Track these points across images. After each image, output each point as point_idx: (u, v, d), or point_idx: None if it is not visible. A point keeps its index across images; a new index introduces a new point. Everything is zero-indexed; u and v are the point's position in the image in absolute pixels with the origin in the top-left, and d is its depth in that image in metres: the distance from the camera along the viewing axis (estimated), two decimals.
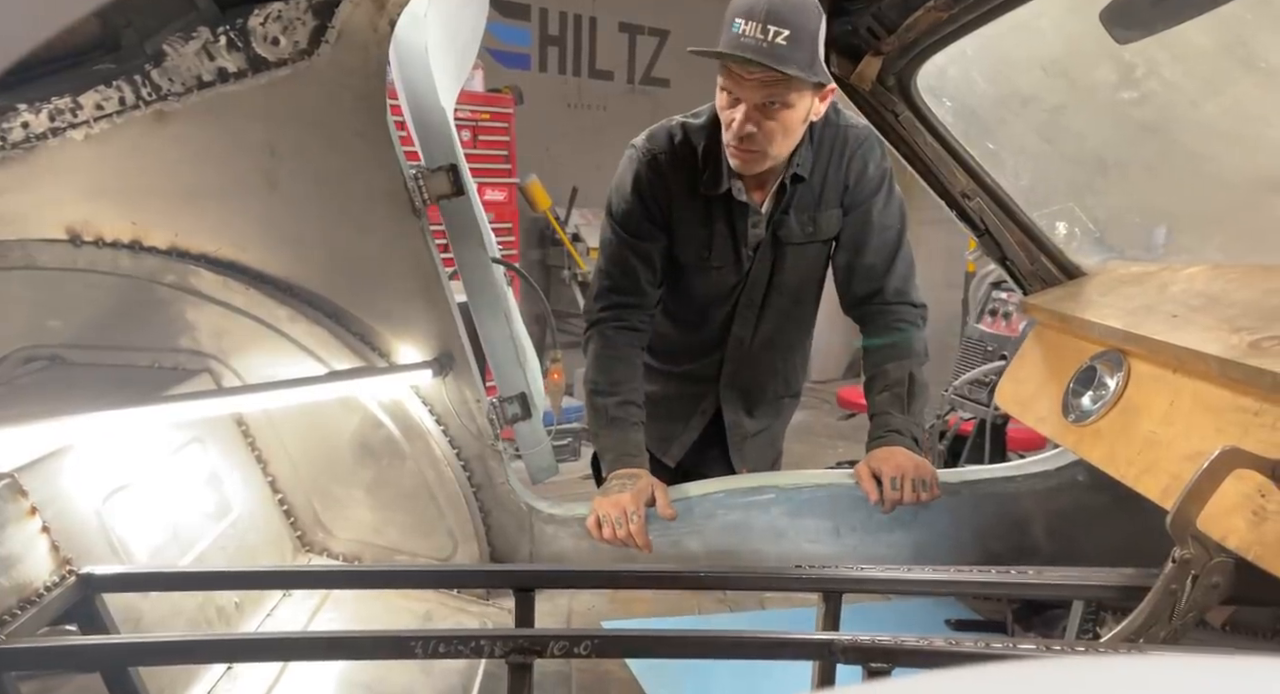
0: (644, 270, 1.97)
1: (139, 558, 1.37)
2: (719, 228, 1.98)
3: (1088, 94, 1.60)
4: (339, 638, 1.34)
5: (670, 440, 2.27)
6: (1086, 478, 1.84)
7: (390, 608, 1.69)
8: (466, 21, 2.00)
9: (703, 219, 1.97)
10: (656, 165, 1.93)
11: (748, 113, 1.75)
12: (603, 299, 2.00)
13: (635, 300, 1.98)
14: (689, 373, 2.22)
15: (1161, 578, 1.14)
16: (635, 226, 1.96)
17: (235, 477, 1.71)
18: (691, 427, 2.27)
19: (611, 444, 1.90)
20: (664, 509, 1.78)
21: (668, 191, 1.94)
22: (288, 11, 1.47)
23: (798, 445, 6.07)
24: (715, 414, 2.27)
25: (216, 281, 1.62)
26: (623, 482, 1.81)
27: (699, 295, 2.09)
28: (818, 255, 2.08)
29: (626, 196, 1.95)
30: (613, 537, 1.74)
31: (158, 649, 1.14)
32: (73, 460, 1.33)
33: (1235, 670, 0.26)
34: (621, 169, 1.98)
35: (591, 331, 2.00)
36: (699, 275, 2.05)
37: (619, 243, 1.97)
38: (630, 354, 1.98)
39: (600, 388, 1.94)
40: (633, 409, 1.93)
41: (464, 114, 4.89)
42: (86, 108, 1.48)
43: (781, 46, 1.64)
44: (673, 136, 1.95)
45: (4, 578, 1.11)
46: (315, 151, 1.59)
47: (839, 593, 1.27)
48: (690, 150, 1.93)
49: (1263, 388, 1.15)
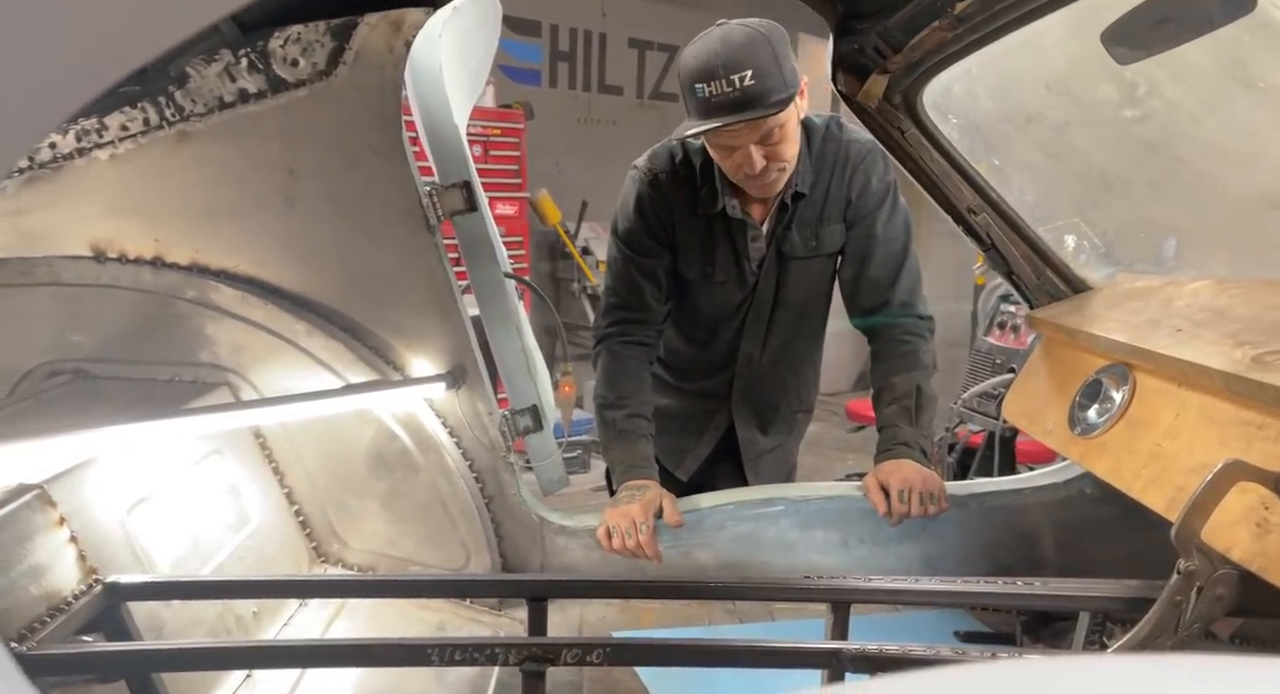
0: (649, 287, 2.00)
1: (161, 568, 1.40)
2: (721, 244, 2.00)
3: (1091, 112, 1.62)
4: (357, 645, 1.36)
5: (683, 454, 2.29)
6: (1095, 490, 1.85)
7: (404, 618, 1.72)
8: (480, 41, 2.04)
9: (705, 236, 2.00)
10: (658, 184, 1.96)
11: (748, 153, 1.75)
12: (610, 315, 2.03)
13: (641, 316, 2.01)
14: (701, 389, 2.25)
15: (1166, 589, 1.15)
16: (639, 244, 1.99)
17: (253, 488, 1.74)
18: (704, 442, 2.29)
19: (621, 457, 1.92)
20: (671, 517, 1.80)
21: (670, 209, 1.97)
22: (307, 34, 1.51)
23: (807, 458, 6.03)
24: (728, 429, 2.28)
25: (235, 297, 1.65)
26: (632, 493, 1.83)
27: (706, 312, 2.12)
28: (823, 270, 2.10)
29: (630, 216, 1.98)
30: (622, 547, 1.75)
31: (182, 656, 1.16)
32: (98, 472, 1.36)
33: (1186, 670, 0.27)
34: (625, 189, 2.01)
35: (600, 347, 2.03)
36: (705, 291, 2.07)
37: (624, 261, 2.00)
38: (637, 368, 2.00)
39: (609, 402, 1.96)
40: (641, 422, 1.95)
41: (475, 129, 4.93)
42: (112, 128, 1.52)
43: (752, 87, 1.64)
44: (673, 155, 1.97)
45: (33, 586, 1.14)
46: (332, 170, 1.63)
47: (847, 603, 1.29)
48: (690, 168, 1.96)
49: (1266, 402, 1.16)
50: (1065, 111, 1.69)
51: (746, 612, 1.83)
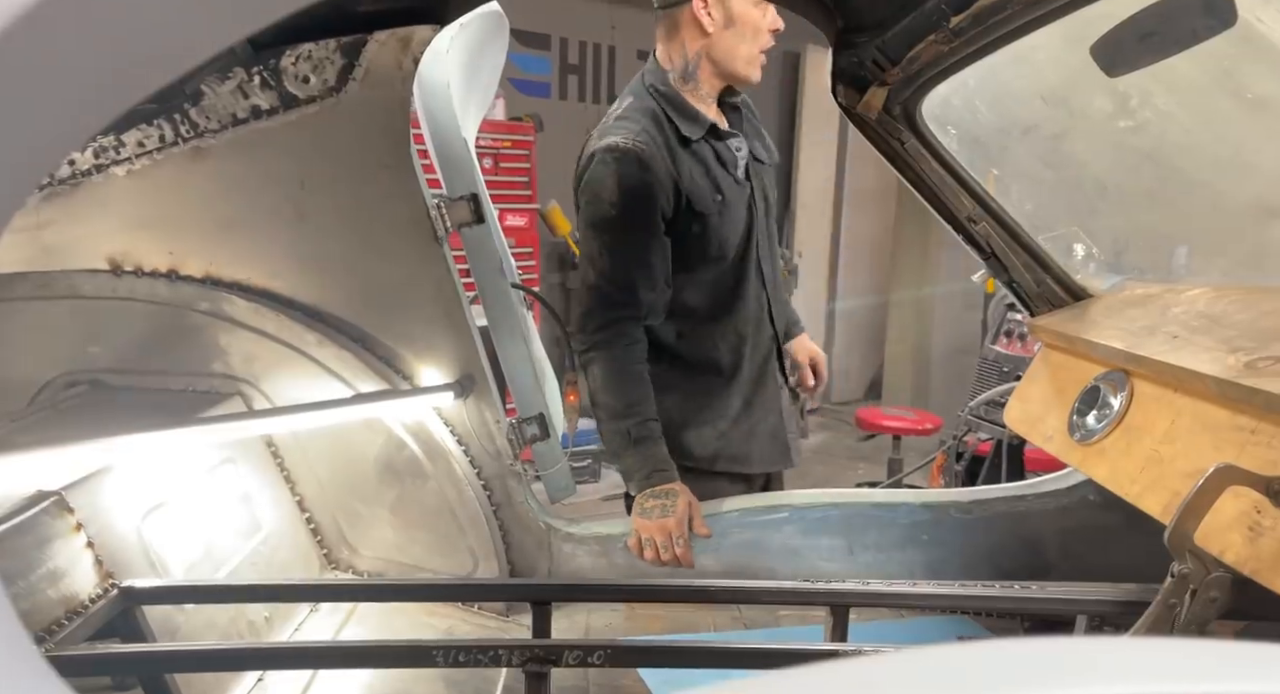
0: (659, 264, 1.94)
1: (175, 573, 1.43)
2: (714, 166, 2.01)
3: (1086, 122, 1.64)
4: (364, 647, 1.39)
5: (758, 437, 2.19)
6: (1098, 497, 1.86)
7: (413, 624, 1.74)
8: (488, 57, 2.08)
9: (701, 165, 1.99)
10: (648, 146, 1.90)
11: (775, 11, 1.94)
12: (598, 317, 1.92)
13: (634, 311, 1.94)
14: (756, 344, 2.15)
15: (1161, 592, 1.16)
16: (647, 217, 1.91)
17: (265, 496, 1.77)
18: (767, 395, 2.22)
19: (638, 463, 1.90)
20: (700, 528, 1.85)
21: (668, 160, 1.93)
22: (318, 51, 1.56)
23: (818, 467, 6.06)
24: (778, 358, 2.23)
25: (248, 309, 1.69)
26: (661, 502, 1.84)
27: (730, 240, 2.04)
28: (773, 180, 2.21)
29: (632, 191, 1.89)
30: (655, 559, 1.80)
31: (196, 657, 1.19)
32: (114, 479, 1.40)
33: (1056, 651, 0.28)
34: (604, 174, 1.90)
35: (593, 353, 1.93)
36: (722, 220, 2.01)
37: (628, 250, 1.92)
38: (640, 371, 1.95)
39: (617, 411, 1.92)
40: (653, 424, 1.92)
41: (486, 142, 4.98)
42: (129, 145, 1.56)
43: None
44: (648, 113, 1.97)
45: (52, 590, 1.17)
46: (343, 183, 1.67)
47: (845, 607, 1.31)
48: (665, 114, 1.97)
49: (1258, 407, 1.18)
50: (1061, 122, 1.71)
51: (752, 618, 1.85)
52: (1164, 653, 0.31)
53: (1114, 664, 0.27)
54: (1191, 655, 0.30)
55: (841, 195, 7.50)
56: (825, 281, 7.60)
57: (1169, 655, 0.30)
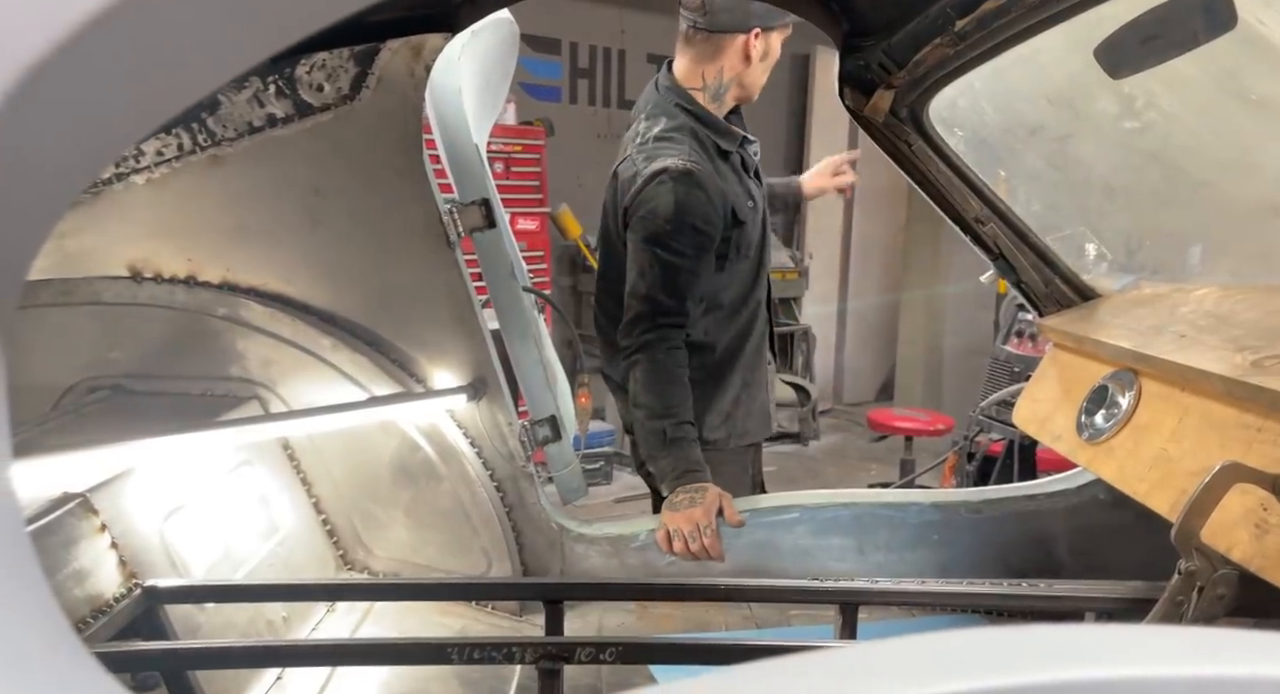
0: (706, 279, 2.06)
1: (196, 573, 1.46)
2: (743, 174, 2.16)
3: (1091, 123, 1.65)
4: (380, 644, 1.41)
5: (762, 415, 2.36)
6: (1108, 495, 1.86)
7: (427, 624, 1.77)
8: (498, 63, 2.10)
9: (736, 175, 2.14)
10: (700, 167, 2.01)
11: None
12: (646, 321, 1.99)
13: (681, 319, 2.03)
14: (759, 327, 2.31)
15: (1168, 589, 1.17)
16: (704, 238, 2.01)
17: (282, 498, 1.80)
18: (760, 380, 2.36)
19: (672, 464, 1.93)
20: (732, 518, 1.85)
21: (718, 177, 2.07)
22: (331, 60, 1.58)
23: (830, 468, 6.07)
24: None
25: (265, 313, 1.72)
26: (690, 496, 1.86)
27: (755, 241, 2.21)
28: None
29: (692, 211, 1.97)
30: (684, 550, 1.81)
31: (217, 655, 1.22)
32: (136, 482, 1.43)
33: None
34: (662, 193, 1.98)
35: (638, 356, 1.99)
36: (752, 224, 2.17)
37: (682, 263, 1.99)
38: (682, 374, 2.01)
39: (657, 412, 1.96)
40: (689, 428, 1.98)
41: (497, 146, 5.01)
42: (148, 154, 1.60)
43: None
44: (683, 144, 2.05)
45: (77, 589, 1.20)
46: (356, 190, 1.69)
47: (854, 605, 1.32)
48: (699, 142, 2.07)
49: (1264, 405, 1.18)
50: (1067, 124, 1.72)
51: (763, 617, 1.86)
52: (1147, 639, 0.32)
53: (1090, 646, 0.29)
54: (1171, 639, 0.32)
55: (852, 196, 7.50)
56: (836, 283, 7.59)
57: (1146, 639, 0.31)
